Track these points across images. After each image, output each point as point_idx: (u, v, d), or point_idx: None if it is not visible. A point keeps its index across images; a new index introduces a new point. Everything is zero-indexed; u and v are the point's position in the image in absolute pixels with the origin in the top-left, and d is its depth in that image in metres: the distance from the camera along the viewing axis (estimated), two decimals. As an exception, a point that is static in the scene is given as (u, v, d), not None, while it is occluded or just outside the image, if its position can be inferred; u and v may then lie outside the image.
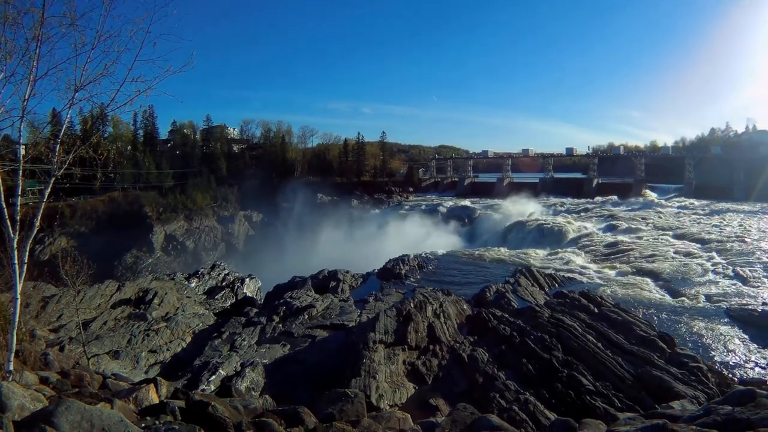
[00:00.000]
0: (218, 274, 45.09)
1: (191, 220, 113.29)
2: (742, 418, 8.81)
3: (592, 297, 35.30)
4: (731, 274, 48.92)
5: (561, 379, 23.94)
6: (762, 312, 36.67)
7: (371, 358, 24.40)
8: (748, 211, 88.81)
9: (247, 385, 22.63)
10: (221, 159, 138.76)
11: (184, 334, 29.38)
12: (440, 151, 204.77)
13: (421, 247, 65.28)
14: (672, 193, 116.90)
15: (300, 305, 33.93)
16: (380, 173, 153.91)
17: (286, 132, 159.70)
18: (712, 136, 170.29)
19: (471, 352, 26.72)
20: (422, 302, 30.45)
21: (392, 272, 49.93)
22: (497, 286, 38.69)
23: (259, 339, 29.30)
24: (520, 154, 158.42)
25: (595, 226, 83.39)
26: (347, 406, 14.04)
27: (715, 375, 25.89)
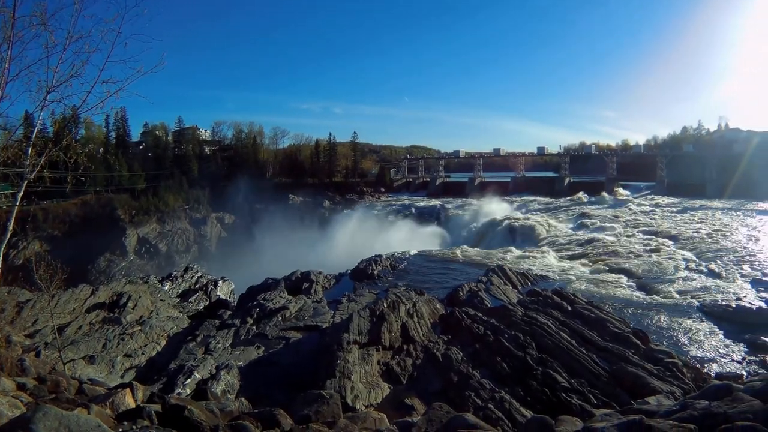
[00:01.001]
0: (191, 276, 44.92)
1: (164, 222, 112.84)
2: (719, 412, 8.83)
3: (565, 295, 35.37)
4: (704, 270, 49.27)
5: (536, 377, 23.99)
6: (736, 307, 36.96)
7: (345, 358, 24.32)
8: (721, 208, 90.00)
9: (222, 387, 22.50)
10: (193, 161, 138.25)
11: (158, 337, 29.18)
12: (412, 151, 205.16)
13: (394, 248, 65.05)
14: (644, 191, 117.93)
15: (273, 307, 33.75)
16: (352, 174, 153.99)
17: (257, 133, 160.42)
18: (684, 135, 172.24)
19: (445, 352, 26.73)
20: (395, 302, 30.32)
21: (365, 273, 49.79)
22: (470, 285, 38.51)
23: (233, 341, 29.10)
24: (491, 154, 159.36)
25: (567, 224, 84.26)
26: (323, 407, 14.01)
27: (690, 370, 26.03)
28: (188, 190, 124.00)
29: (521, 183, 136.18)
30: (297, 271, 45.50)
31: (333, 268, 51.00)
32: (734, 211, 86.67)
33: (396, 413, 20.19)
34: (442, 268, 55.21)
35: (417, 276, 50.56)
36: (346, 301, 36.03)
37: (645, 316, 36.49)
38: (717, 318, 35.52)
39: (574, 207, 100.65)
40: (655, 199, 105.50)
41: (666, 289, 43.63)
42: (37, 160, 10.42)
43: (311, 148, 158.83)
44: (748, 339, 31.50)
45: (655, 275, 48.38)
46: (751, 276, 46.59)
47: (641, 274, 49.06)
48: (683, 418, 8.96)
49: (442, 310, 33.43)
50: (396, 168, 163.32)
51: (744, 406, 8.90)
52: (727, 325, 34.13)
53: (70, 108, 11.09)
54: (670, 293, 42.44)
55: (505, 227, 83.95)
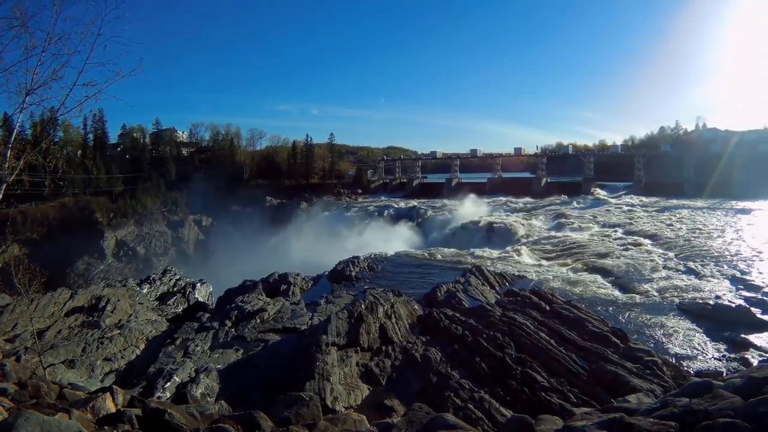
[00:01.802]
0: (169, 279, 44.69)
1: (141, 225, 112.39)
2: (699, 409, 8.84)
3: (543, 294, 35.47)
4: (683, 269, 49.63)
5: (515, 377, 24.05)
6: (715, 305, 37.15)
7: (324, 360, 24.32)
8: (699, 207, 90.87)
9: (202, 391, 22.48)
10: (170, 163, 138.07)
11: (137, 341, 29.07)
12: (389, 152, 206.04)
13: (371, 249, 65.19)
14: (621, 191, 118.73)
15: (252, 309, 33.78)
16: (329, 175, 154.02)
17: (234, 135, 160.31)
18: (662, 135, 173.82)
19: (424, 352, 26.76)
20: (373, 303, 30.41)
21: (342, 274, 49.73)
22: (448, 286, 38.51)
23: (212, 344, 29.10)
24: (468, 155, 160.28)
25: (545, 224, 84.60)
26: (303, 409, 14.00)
27: (670, 368, 26.05)
28: (166, 192, 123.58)
29: (498, 183, 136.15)
30: (274, 273, 45.43)
31: (310, 269, 51.01)
32: (712, 210, 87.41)
33: (376, 414, 20.16)
34: (419, 268, 55.31)
35: (395, 277, 50.57)
36: (324, 302, 36.15)
37: (624, 314, 36.61)
38: (696, 316, 35.70)
39: (552, 207, 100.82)
40: (632, 199, 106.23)
41: (644, 287, 43.90)
42: (16, 164, 10.33)
43: (288, 149, 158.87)
44: (727, 337, 31.68)
45: (633, 274, 48.56)
46: (730, 274, 46.91)
47: (619, 274, 49.27)
48: (664, 416, 8.97)
49: (420, 311, 33.51)
50: (373, 169, 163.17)
51: (725, 403, 8.94)
52: (706, 323, 34.30)
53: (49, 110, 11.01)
54: (649, 292, 42.71)
55: (483, 228, 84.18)
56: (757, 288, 42.33)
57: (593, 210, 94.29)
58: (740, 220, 76.73)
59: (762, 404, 8.30)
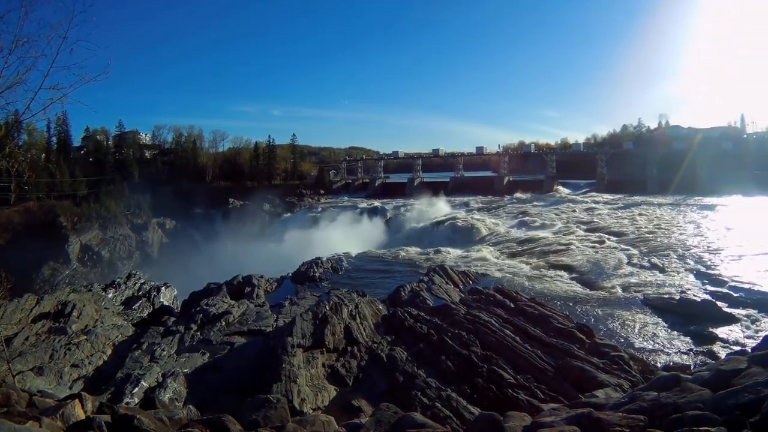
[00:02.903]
0: (134, 283, 44.35)
1: (106, 229, 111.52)
2: (668, 402, 8.98)
3: (507, 292, 35.67)
4: (647, 265, 50.09)
5: (481, 374, 24.17)
6: (680, 300, 37.47)
7: (290, 362, 24.31)
8: (663, 204, 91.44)
9: (170, 395, 22.46)
10: (134, 165, 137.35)
11: (104, 346, 28.78)
12: (351, 152, 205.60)
13: (334, 249, 64.77)
14: (584, 189, 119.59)
15: (216, 312, 33.61)
16: (291, 176, 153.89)
17: (197, 136, 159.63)
18: (624, 132, 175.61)
19: (389, 352, 26.83)
20: (337, 304, 30.39)
21: (306, 275, 49.76)
22: (412, 285, 38.52)
23: (178, 348, 28.95)
24: (430, 154, 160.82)
25: (507, 222, 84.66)
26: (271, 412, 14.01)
27: (637, 363, 26.39)
28: (129, 195, 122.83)
29: (460, 183, 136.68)
30: (238, 276, 45.23)
31: (274, 271, 50.81)
32: (676, 207, 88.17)
33: (344, 415, 20.25)
34: (383, 268, 55.65)
35: (358, 277, 50.88)
36: (289, 304, 36.00)
37: (589, 311, 36.85)
38: (661, 311, 36.00)
39: (514, 205, 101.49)
40: (595, 196, 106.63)
41: (609, 284, 44.46)
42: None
43: (250, 151, 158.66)
44: (693, 330, 32.04)
45: (597, 271, 49.03)
46: (695, 269, 47.39)
47: (583, 270, 49.73)
48: (633, 410, 9.06)
49: (384, 311, 33.51)
50: (335, 170, 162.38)
51: (693, 395, 9.08)
52: (672, 317, 34.62)
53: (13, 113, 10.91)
54: (614, 288, 43.22)
55: (446, 227, 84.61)
56: (722, 282, 42.81)
57: (556, 208, 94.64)
58: (704, 216, 77.39)
59: (731, 396, 8.44)
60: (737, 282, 42.37)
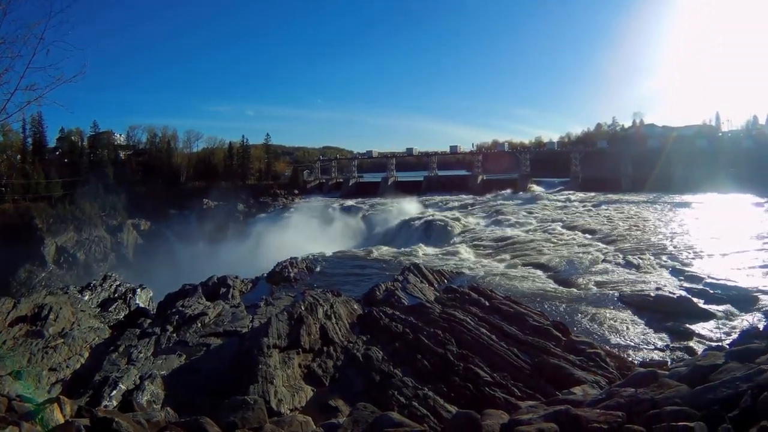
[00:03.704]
0: (110, 285, 43.86)
1: (81, 230, 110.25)
2: (645, 398, 9.06)
3: (482, 290, 35.77)
4: (622, 262, 50.42)
5: (458, 373, 24.36)
6: (656, 296, 37.84)
7: (267, 363, 24.33)
8: (637, 202, 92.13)
9: (147, 398, 22.39)
10: (108, 166, 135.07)
11: (81, 349, 28.56)
12: (325, 152, 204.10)
13: (309, 249, 64.57)
14: (558, 187, 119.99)
15: (192, 313, 33.38)
16: (265, 176, 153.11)
17: (171, 137, 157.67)
18: (599, 131, 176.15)
19: (365, 352, 26.89)
20: (313, 304, 30.40)
21: (281, 276, 49.61)
22: (386, 285, 38.59)
23: (155, 350, 28.79)
24: (404, 153, 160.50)
25: (482, 221, 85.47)
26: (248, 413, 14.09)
27: (614, 359, 26.64)
28: (104, 196, 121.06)
29: (434, 182, 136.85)
30: (213, 277, 44.95)
31: (249, 272, 50.66)
32: (651, 204, 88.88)
33: (321, 415, 20.35)
34: (358, 268, 55.83)
35: (333, 277, 50.98)
36: (264, 305, 35.93)
37: (564, 308, 37.15)
38: (637, 308, 36.32)
39: (489, 204, 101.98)
40: (569, 195, 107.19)
41: (584, 281, 44.64)
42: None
43: (224, 151, 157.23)
44: (669, 327, 32.33)
45: (572, 268, 49.26)
46: (670, 266, 47.89)
47: (558, 268, 50.04)
48: (610, 406, 9.18)
49: (359, 311, 33.48)
50: (309, 169, 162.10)
51: (671, 391, 9.19)
52: (648, 314, 34.92)
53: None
54: (589, 285, 43.44)
55: (420, 226, 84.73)
56: (698, 279, 43.28)
57: (530, 206, 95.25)
58: (679, 214, 78.08)
59: (709, 391, 8.56)
60: (713, 279, 42.85)
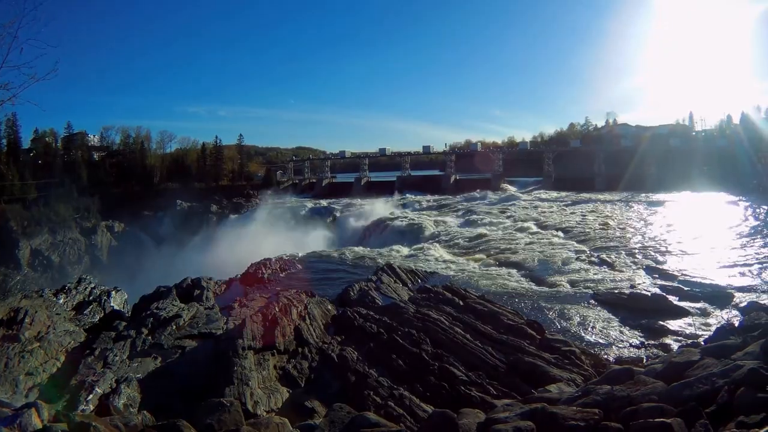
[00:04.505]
0: (85, 288, 43.47)
1: (55, 233, 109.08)
2: (622, 395, 9.17)
3: (456, 290, 35.83)
4: (596, 260, 50.68)
5: (433, 372, 24.39)
6: (631, 294, 37.97)
7: (242, 365, 24.28)
8: (611, 201, 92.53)
9: (124, 401, 22.23)
10: (82, 168, 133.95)
11: (57, 353, 28.34)
12: (298, 152, 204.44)
13: (282, 250, 64.23)
14: (531, 186, 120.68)
15: (167, 316, 32.98)
16: (238, 177, 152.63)
17: (144, 137, 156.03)
18: (572, 130, 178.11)
19: (340, 352, 26.89)
20: (287, 305, 30.32)
21: (255, 276, 49.06)
22: (360, 285, 38.25)
23: (130, 353, 28.37)
24: (377, 154, 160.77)
25: (455, 220, 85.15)
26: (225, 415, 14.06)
27: (589, 357, 26.80)
28: (78, 198, 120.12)
29: (407, 182, 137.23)
30: (187, 278, 44.17)
31: (222, 273, 50.15)
32: (625, 203, 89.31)
33: (297, 417, 20.14)
34: (331, 268, 55.57)
35: (307, 278, 50.49)
36: (238, 306, 35.39)
37: (539, 307, 37.05)
38: (612, 306, 36.36)
39: (462, 204, 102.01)
40: (542, 194, 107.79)
41: (558, 280, 44.78)
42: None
43: (198, 151, 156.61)
44: (644, 324, 32.42)
45: (545, 267, 49.37)
46: (645, 264, 48.14)
47: (532, 267, 50.04)
48: (587, 404, 9.27)
49: (334, 311, 33.30)
50: (282, 170, 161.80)
51: (647, 388, 9.27)
52: (622, 312, 34.96)
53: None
54: (563, 284, 43.57)
55: (393, 226, 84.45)
56: (672, 276, 43.57)
57: (503, 205, 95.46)
58: (653, 212, 78.60)
59: (685, 387, 8.65)
60: (687, 276, 43.19)
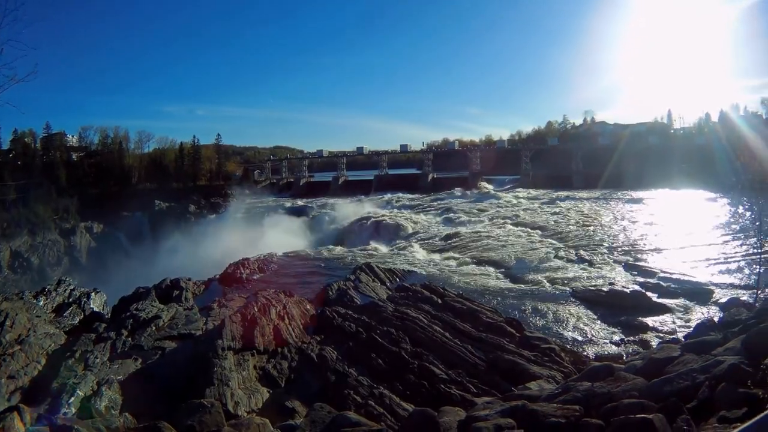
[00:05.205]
0: (64, 290, 43.09)
1: (35, 234, 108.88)
2: (602, 392, 9.23)
3: (435, 288, 36.34)
4: (575, 258, 51.21)
5: (413, 371, 24.55)
6: (609, 291, 38.44)
7: (222, 365, 24.30)
8: (589, 198, 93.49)
9: (105, 404, 21.97)
10: (61, 168, 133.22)
11: (38, 356, 28.09)
12: (275, 152, 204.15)
13: (260, 250, 64.21)
14: (508, 185, 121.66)
15: (146, 317, 32.91)
16: (216, 177, 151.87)
17: (122, 137, 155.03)
18: (549, 129, 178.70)
19: (319, 352, 26.99)
20: (265, 305, 30.40)
21: (233, 276, 49.35)
22: (339, 284, 38.75)
23: (110, 355, 28.22)
24: (354, 153, 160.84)
25: (433, 219, 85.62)
26: (206, 416, 14.07)
27: (568, 354, 27.06)
28: (57, 199, 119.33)
29: (385, 180, 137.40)
30: (166, 279, 44.15)
31: (201, 273, 50.14)
32: (604, 201, 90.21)
33: (278, 417, 20.38)
34: (310, 268, 55.84)
35: (285, 277, 50.80)
36: (217, 306, 35.25)
37: (517, 305, 37.45)
38: (591, 303, 36.81)
39: (439, 202, 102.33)
40: (520, 192, 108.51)
41: (536, 277, 45.21)
42: None
43: (176, 151, 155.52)
44: (624, 321, 32.77)
45: (523, 265, 49.76)
46: (623, 261, 48.67)
47: (510, 265, 50.54)
48: (567, 400, 9.30)
49: (312, 311, 33.53)
50: (260, 169, 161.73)
51: (628, 384, 9.33)
52: (601, 309, 35.35)
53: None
54: (541, 282, 43.97)
55: (371, 225, 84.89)
56: (651, 273, 44.03)
57: (481, 204, 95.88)
58: (632, 210, 79.36)
59: (666, 383, 8.70)
60: (666, 273, 43.69)
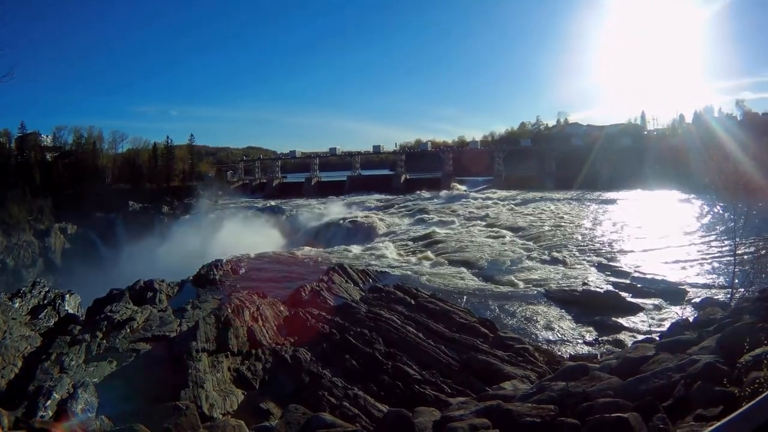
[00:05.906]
0: (39, 292, 42.79)
1: (9, 236, 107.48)
2: (577, 391, 9.36)
3: (407, 289, 36.49)
4: (548, 259, 51.58)
5: (387, 371, 24.70)
6: (583, 291, 38.77)
7: (196, 367, 24.27)
8: (562, 199, 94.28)
9: (82, 406, 21.93)
10: (35, 168, 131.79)
11: (14, 358, 27.92)
12: (248, 152, 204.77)
13: (233, 251, 63.96)
14: (481, 186, 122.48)
15: (121, 319, 32.74)
16: (189, 177, 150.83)
17: (96, 137, 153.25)
18: (522, 130, 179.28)
19: (293, 353, 26.96)
20: (239, 307, 30.43)
21: (206, 278, 48.87)
22: (312, 285, 38.62)
23: (86, 357, 28.09)
24: (327, 153, 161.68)
25: (406, 220, 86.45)
26: (181, 419, 14.09)
27: (543, 354, 27.24)
28: (31, 199, 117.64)
29: (358, 182, 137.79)
30: (140, 280, 43.57)
31: (174, 275, 49.64)
32: (577, 202, 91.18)
33: (253, 419, 20.45)
34: (282, 269, 55.71)
35: (258, 279, 50.61)
36: (191, 308, 35.64)
37: (491, 305, 37.70)
38: (564, 303, 37.06)
39: (412, 203, 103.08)
40: (493, 193, 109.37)
41: (509, 278, 45.52)
42: None
43: (149, 151, 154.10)
44: (598, 321, 33.04)
45: (496, 266, 50.17)
46: (597, 262, 49.15)
47: (483, 266, 50.82)
48: (542, 400, 9.43)
49: (286, 312, 33.47)
50: (233, 170, 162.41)
51: (603, 384, 9.49)
52: (575, 309, 35.63)
53: None
54: (514, 282, 44.29)
55: (344, 226, 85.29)
56: (624, 273, 44.53)
57: (454, 204, 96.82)
58: (605, 211, 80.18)
59: (641, 382, 8.85)
60: (640, 273, 44.11)
